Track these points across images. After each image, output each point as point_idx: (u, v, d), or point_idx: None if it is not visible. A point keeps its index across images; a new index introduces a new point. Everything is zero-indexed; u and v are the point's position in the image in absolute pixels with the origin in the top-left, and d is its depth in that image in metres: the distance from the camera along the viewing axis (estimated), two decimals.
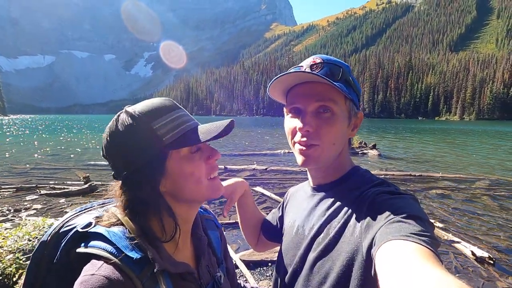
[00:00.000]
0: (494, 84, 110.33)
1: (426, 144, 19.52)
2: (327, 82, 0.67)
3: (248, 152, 14.05)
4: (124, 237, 0.57)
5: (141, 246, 0.56)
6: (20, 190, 6.93)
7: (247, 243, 0.97)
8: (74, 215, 0.65)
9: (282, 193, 7.00)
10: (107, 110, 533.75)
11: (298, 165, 0.75)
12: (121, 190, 0.62)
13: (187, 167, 0.62)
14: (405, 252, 0.46)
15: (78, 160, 11.57)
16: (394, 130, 35.92)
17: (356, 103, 0.75)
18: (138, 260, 0.54)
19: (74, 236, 0.58)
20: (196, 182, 0.63)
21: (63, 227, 0.62)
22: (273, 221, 1.03)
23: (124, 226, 0.59)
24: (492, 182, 8.27)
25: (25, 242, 2.60)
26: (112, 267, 0.52)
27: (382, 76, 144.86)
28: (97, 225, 0.59)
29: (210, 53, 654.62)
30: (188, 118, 0.65)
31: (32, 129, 36.83)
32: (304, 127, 0.70)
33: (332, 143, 0.72)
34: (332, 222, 0.71)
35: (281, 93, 0.78)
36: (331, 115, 0.71)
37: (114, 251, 0.54)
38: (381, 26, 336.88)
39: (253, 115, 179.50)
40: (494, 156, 13.78)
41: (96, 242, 0.56)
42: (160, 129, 0.60)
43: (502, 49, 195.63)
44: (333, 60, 0.73)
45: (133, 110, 0.61)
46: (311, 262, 0.70)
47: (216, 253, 0.79)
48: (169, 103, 0.65)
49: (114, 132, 0.61)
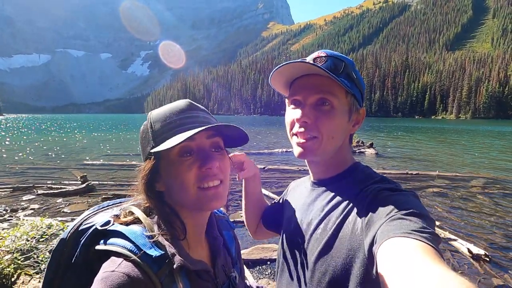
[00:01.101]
0: (489, 83, 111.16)
1: (423, 143, 19.65)
2: (328, 74, 0.67)
3: (245, 151, 13.99)
4: (142, 235, 0.57)
5: (159, 244, 0.57)
6: (17, 190, 6.88)
7: (245, 242, 0.79)
8: (92, 213, 0.66)
9: (281, 191, 7.00)
10: (103, 109, 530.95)
11: (295, 157, 0.75)
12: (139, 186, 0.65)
13: (173, 171, 0.62)
14: (407, 249, 0.46)
15: (75, 160, 11.51)
16: (391, 129, 36.10)
17: (358, 99, 0.75)
18: (157, 258, 0.55)
19: (93, 233, 0.60)
20: (182, 189, 0.62)
21: (81, 225, 0.63)
22: (273, 211, 1.04)
23: (142, 224, 0.60)
24: (487, 181, 8.36)
25: (23, 242, 2.57)
26: (132, 264, 0.53)
27: (379, 75, 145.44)
28: (115, 223, 0.60)
29: (207, 52, 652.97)
30: (189, 121, 0.64)
31: (28, 128, 36.52)
32: (302, 118, 0.71)
33: (331, 136, 0.71)
34: (330, 217, 0.70)
35: (283, 84, 0.79)
36: (330, 108, 0.71)
37: (133, 249, 0.55)
38: (378, 25, 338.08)
39: (250, 114, 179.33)
40: (489, 155, 13.91)
41: (115, 240, 0.57)
42: (160, 130, 0.63)
43: (497, 48, 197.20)
44: (337, 55, 0.73)
45: (151, 113, 0.66)
46: (310, 257, 0.70)
47: (231, 253, 0.79)
48: (184, 105, 0.66)
49: (140, 131, 0.67)
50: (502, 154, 14.12)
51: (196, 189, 0.62)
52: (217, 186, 0.64)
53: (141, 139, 0.66)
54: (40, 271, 2.47)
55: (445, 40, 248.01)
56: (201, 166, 0.62)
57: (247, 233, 4.76)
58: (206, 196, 0.63)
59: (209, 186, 0.63)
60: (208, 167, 0.62)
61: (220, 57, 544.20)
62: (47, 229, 2.88)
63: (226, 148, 0.70)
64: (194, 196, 0.62)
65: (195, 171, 0.62)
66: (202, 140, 0.63)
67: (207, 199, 0.63)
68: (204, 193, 0.63)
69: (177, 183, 0.62)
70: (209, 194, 0.63)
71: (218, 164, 0.64)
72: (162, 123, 0.63)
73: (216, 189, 0.64)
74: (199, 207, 0.64)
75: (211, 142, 0.65)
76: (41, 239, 2.72)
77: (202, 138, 0.63)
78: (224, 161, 0.67)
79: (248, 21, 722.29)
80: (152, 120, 0.64)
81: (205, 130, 0.60)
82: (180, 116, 0.64)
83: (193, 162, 0.62)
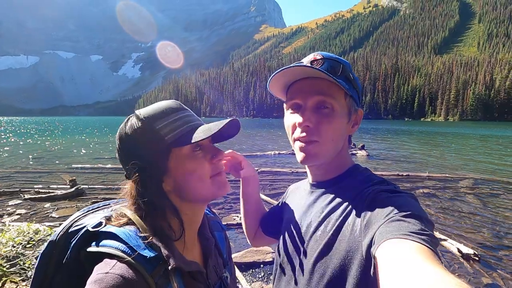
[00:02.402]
0: (476, 86, 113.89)
1: (413, 145, 19.97)
2: (328, 77, 0.67)
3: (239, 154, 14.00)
4: (136, 236, 0.57)
5: (153, 245, 0.57)
6: (2, 195, 6.69)
7: (239, 245, 0.78)
8: (82, 215, 0.66)
9: (274, 194, 7.01)
10: (93, 112, 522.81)
11: (298, 162, 0.76)
12: (132, 189, 0.63)
13: (189, 165, 0.64)
14: (405, 250, 0.46)
15: (64, 163, 11.28)
16: (381, 131, 36.58)
17: (356, 100, 0.75)
18: (151, 259, 0.55)
19: (84, 235, 0.58)
20: (199, 180, 0.65)
21: (71, 227, 0.62)
22: (272, 216, 1.02)
23: (135, 225, 0.60)
24: (476, 181, 8.53)
25: (9, 248, 2.50)
26: (126, 265, 0.52)
27: (369, 78, 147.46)
28: (107, 224, 0.60)
29: (200, 55, 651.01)
30: (192, 119, 0.67)
31: (15, 131, 35.63)
32: (303, 122, 0.70)
33: (331, 139, 0.72)
34: (330, 219, 0.70)
35: (281, 89, 0.78)
36: (330, 111, 0.71)
37: (127, 250, 0.54)
38: (368, 29, 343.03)
39: (243, 117, 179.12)
40: (476, 157, 14.22)
41: (108, 241, 0.56)
42: (162, 129, 0.62)
43: (483, 52, 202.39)
44: (334, 57, 0.73)
45: (139, 113, 0.64)
46: (310, 259, 0.70)
47: (222, 254, 0.80)
48: (175, 104, 0.67)
49: (123, 134, 0.64)
50: (489, 156, 14.45)
51: (210, 180, 0.66)
52: (223, 173, 0.70)
53: (138, 142, 0.63)
54: (27, 278, 2.39)
55: (433, 44, 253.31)
56: (213, 158, 0.67)
57: (240, 236, 4.72)
58: (220, 183, 0.68)
59: (219, 173, 0.69)
60: (219, 159, 0.68)
61: (212, 59, 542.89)
62: (34, 234, 2.81)
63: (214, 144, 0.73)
64: (210, 186, 0.66)
65: (208, 163, 0.66)
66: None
67: (221, 185, 0.68)
68: (218, 179, 0.68)
69: (194, 177, 0.64)
70: (222, 180, 0.69)
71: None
72: (165, 122, 0.63)
73: (223, 176, 0.70)
74: (212, 197, 0.67)
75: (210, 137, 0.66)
76: (27, 245, 2.65)
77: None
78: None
79: (240, 24, 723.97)
80: (151, 120, 0.63)
81: (227, 124, 0.66)
82: (181, 115, 0.66)
83: (204, 155, 0.66)
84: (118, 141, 0.65)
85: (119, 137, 0.65)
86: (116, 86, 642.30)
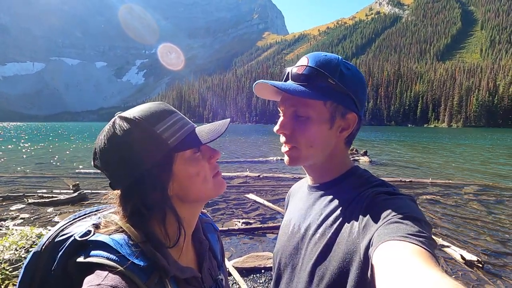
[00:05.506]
0: (479, 92, 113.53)
1: (416, 151, 19.88)
2: (296, 96, 0.69)
3: (240, 159, 14.04)
4: (127, 244, 0.54)
5: (146, 253, 0.55)
6: (6, 199, 6.76)
7: (240, 250, 0.73)
8: (68, 223, 0.61)
9: (275, 200, 7.01)
10: (97, 118, 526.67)
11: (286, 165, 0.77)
12: (122, 198, 0.60)
13: (192, 168, 0.62)
14: (402, 252, 0.46)
15: (67, 168, 11.37)
16: (384, 138, 36.47)
17: (345, 104, 0.72)
18: (145, 268, 0.53)
19: (72, 245, 0.55)
20: (203, 182, 0.64)
21: (57, 236, 0.58)
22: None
23: (126, 233, 0.57)
24: (479, 188, 8.47)
25: (12, 252, 2.51)
26: (119, 276, 0.50)
27: (372, 84, 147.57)
28: (96, 233, 0.56)
29: (203, 61, 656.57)
30: (186, 121, 0.65)
31: (20, 136, 36.00)
32: (279, 129, 0.74)
33: (309, 145, 0.72)
34: (328, 221, 0.70)
35: (273, 93, 0.78)
36: (306, 119, 0.71)
37: (119, 259, 0.51)
38: (370, 36, 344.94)
39: (245, 123, 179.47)
40: (480, 164, 14.13)
41: (98, 251, 0.53)
42: (163, 132, 0.59)
43: (486, 59, 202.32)
44: (317, 61, 0.71)
45: (131, 115, 0.59)
46: (309, 262, 0.70)
47: (216, 256, 0.79)
48: (166, 107, 0.65)
49: (112, 138, 0.57)
50: (493, 164, 14.34)
51: (211, 179, 0.66)
52: (220, 172, 0.70)
53: (134, 146, 0.57)
54: None
55: (436, 51, 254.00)
56: (211, 158, 0.67)
57: (241, 242, 4.73)
58: (219, 182, 0.68)
59: (217, 173, 0.69)
60: (216, 158, 0.69)
61: (215, 66, 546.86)
62: (37, 238, 2.82)
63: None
64: (212, 186, 0.66)
65: (207, 163, 0.66)
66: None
67: (220, 184, 0.69)
68: (217, 179, 0.68)
69: (199, 179, 0.63)
70: (220, 180, 0.69)
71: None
72: (164, 125, 0.60)
73: (220, 175, 0.70)
74: (213, 196, 0.67)
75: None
76: (30, 249, 2.64)
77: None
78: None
79: (243, 31, 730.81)
80: (148, 124, 0.59)
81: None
82: (176, 118, 0.63)
83: (203, 156, 0.66)
84: (105, 146, 0.58)
85: (107, 141, 0.57)
86: (120, 92, 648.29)
